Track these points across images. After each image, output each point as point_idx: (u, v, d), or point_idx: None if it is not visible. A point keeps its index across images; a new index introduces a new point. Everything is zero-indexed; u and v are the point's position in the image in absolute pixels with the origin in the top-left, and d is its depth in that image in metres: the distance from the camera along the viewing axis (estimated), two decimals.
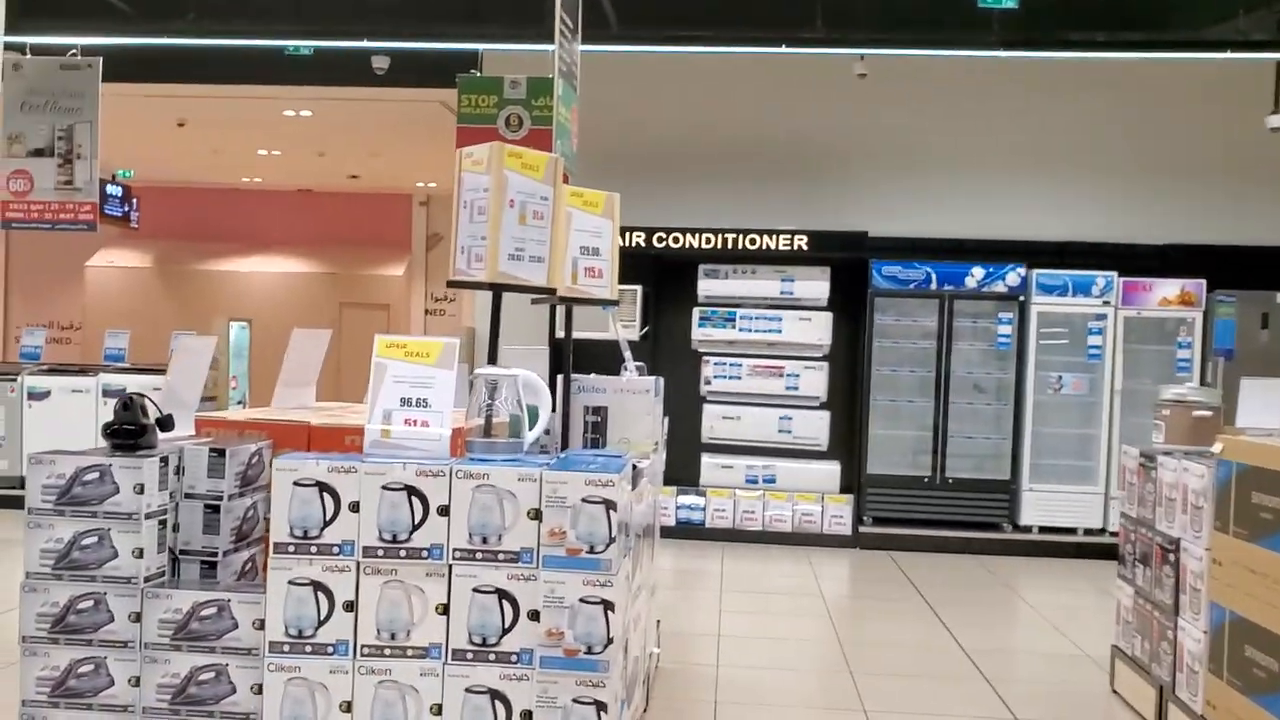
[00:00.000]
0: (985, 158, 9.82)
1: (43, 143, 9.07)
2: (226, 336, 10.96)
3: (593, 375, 4.55)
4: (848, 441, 9.34)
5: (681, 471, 9.10)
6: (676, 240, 9.29)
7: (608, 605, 3.01)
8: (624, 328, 6.82)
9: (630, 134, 9.77)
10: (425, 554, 3.05)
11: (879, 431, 9.18)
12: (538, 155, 3.86)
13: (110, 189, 14.65)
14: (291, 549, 3.06)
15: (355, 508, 3.05)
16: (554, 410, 4.05)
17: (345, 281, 17.87)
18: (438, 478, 3.06)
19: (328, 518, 3.05)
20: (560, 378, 4.46)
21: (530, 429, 3.41)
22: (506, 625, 3.03)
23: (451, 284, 3.90)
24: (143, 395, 3.40)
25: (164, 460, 3.25)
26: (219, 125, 13.34)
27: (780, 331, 9.24)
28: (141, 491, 3.14)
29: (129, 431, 3.32)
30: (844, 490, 9.16)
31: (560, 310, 4.70)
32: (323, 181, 17.69)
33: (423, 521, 3.05)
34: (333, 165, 15.97)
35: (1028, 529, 9.05)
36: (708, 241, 9.26)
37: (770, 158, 9.87)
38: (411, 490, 3.05)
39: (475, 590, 3.04)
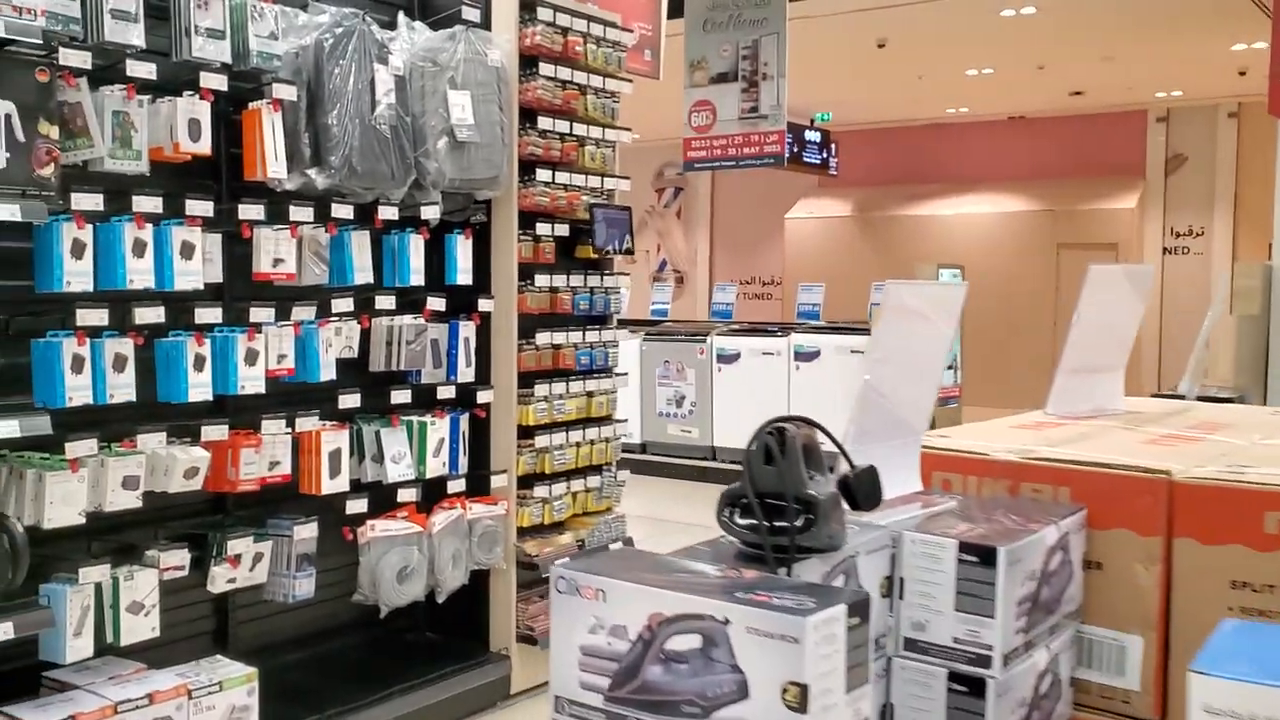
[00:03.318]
0: None
1: (725, 66, 7.85)
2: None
3: None
4: None
5: None
6: None
7: None
8: None
9: None
10: None
11: None
12: None
13: (808, 134, 13.52)
14: None
15: None
16: None
17: (1064, 219, 15.20)
18: None
19: None
20: None
21: None
22: None
23: None
24: (806, 423, 1.45)
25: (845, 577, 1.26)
26: (924, 42, 11.47)
27: None
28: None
29: (777, 530, 1.38)
30: None
31: None
32: (1038, 105, 15.16)
33: None
34: (1053, 80, 13.41)
35: None
36: None
37: None
38: None
39: None
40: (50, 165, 3.20)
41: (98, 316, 3.35)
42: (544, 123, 4.66)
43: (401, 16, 4.31)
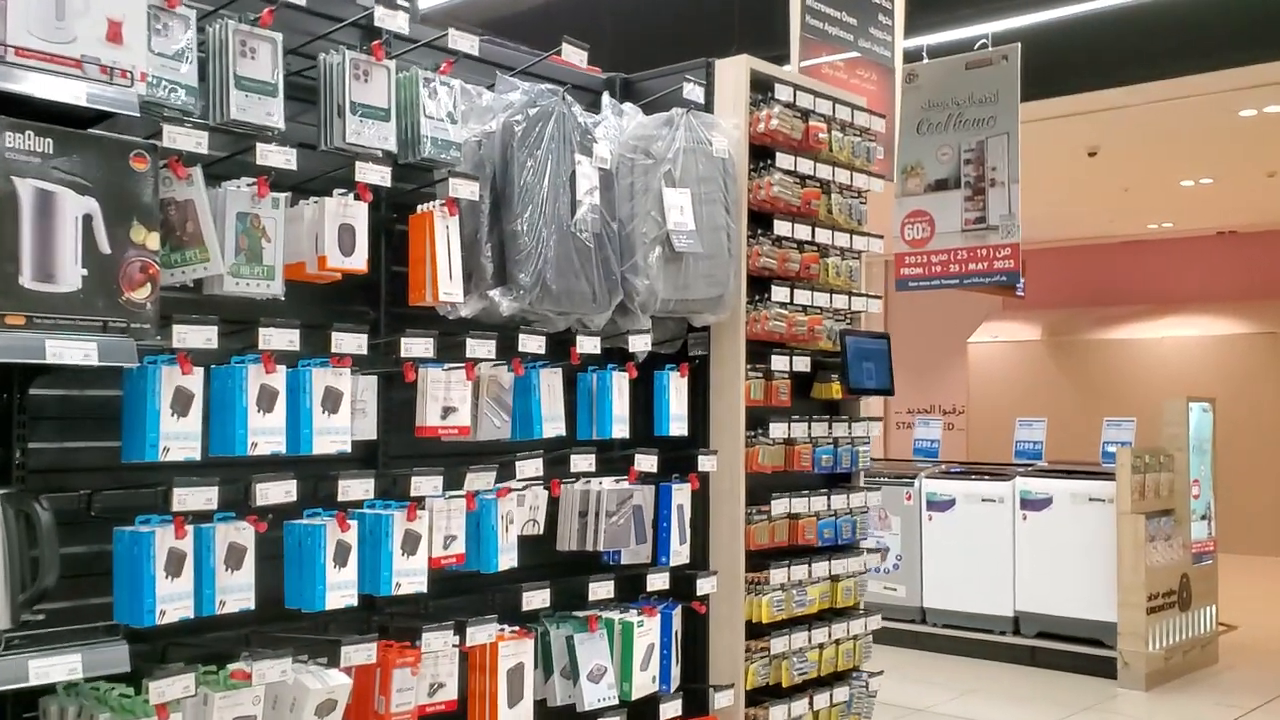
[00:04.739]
0: None
1: (945, 171, 6.79)
2: (1185, 423, 7.66)
3: None
4: None
5: None
6: None
7: None
8: None
9: None
10: None
11: None
12: None
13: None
14: None
15: None
16: None
17: None
18: None
19: None
20: None
21: None
22: None
23: None
24: None
25: None
26: (1139, 147, 10.24)
27: None
28: None
29: None
30: None
31: None
32: (1253, 217, 13.66)
33: None
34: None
35: None
36: None
37: None
38: None
39: None
40: (146, 286, 2.29)
41: (204, 497, 2.39)
42: (780, 228, 3.63)
43: (606, 98, 3.39)
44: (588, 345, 3.13)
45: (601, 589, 3.16)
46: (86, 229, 2.21)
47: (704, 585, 3.44)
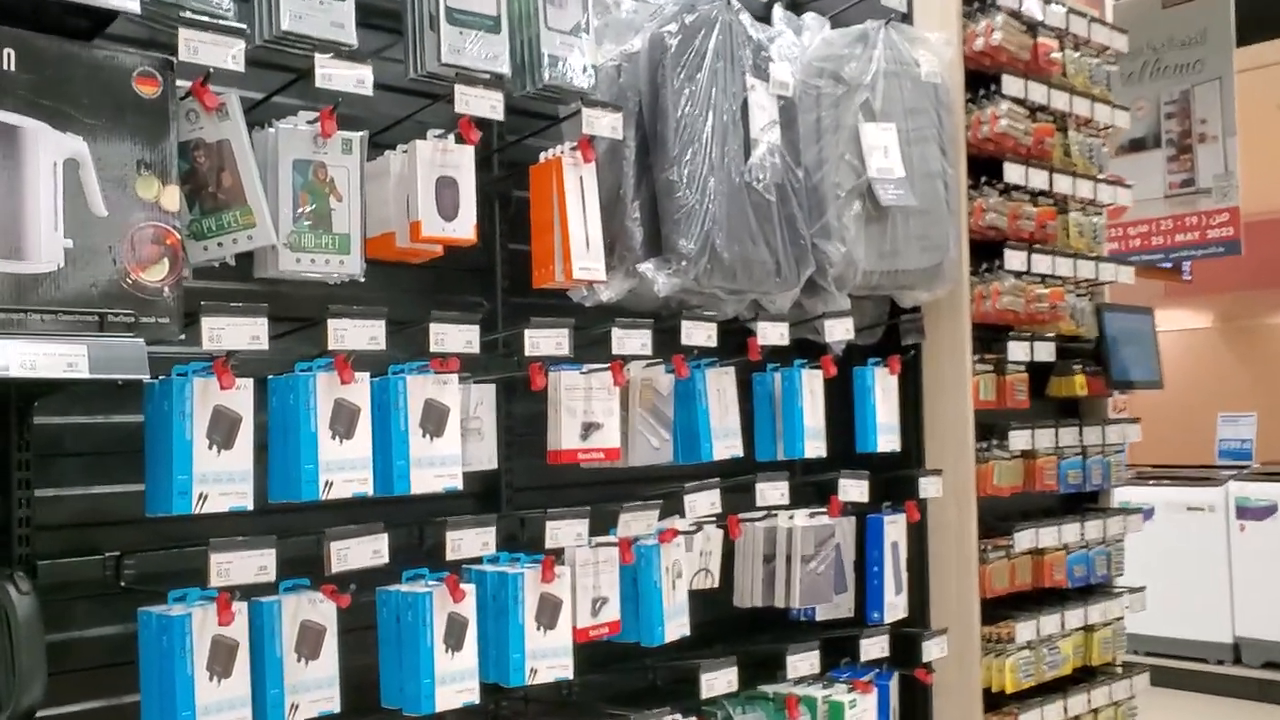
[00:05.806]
0: None
1: (1141, 129, 5.81)
2: None
3: None
4: None
5: None
6: None
7: None
8: None
9: None
10: None
11: None
12: None
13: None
14: None
15: None
16: None
17: None
18: None
19: None
20: None
21: None
22: None
23: None
24: None
25: None
26: None
27: None
28: None
29: None
30: None
31: None
32: None
33: None
34: None
35: None
36: None
37: None
38: None
39: None
40: (162, 263, 1.58)
41: (257, 564, 1.67)
42: (1012, 173, 2.77)
43: (779, 9, 2.58)
44: (772, 335, 2.33)
45: (803, 663, 2.34)
46: (71, 180, 1.52)
47: (932, 648, 2.59)
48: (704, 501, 2.21)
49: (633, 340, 2.12)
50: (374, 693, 1.93)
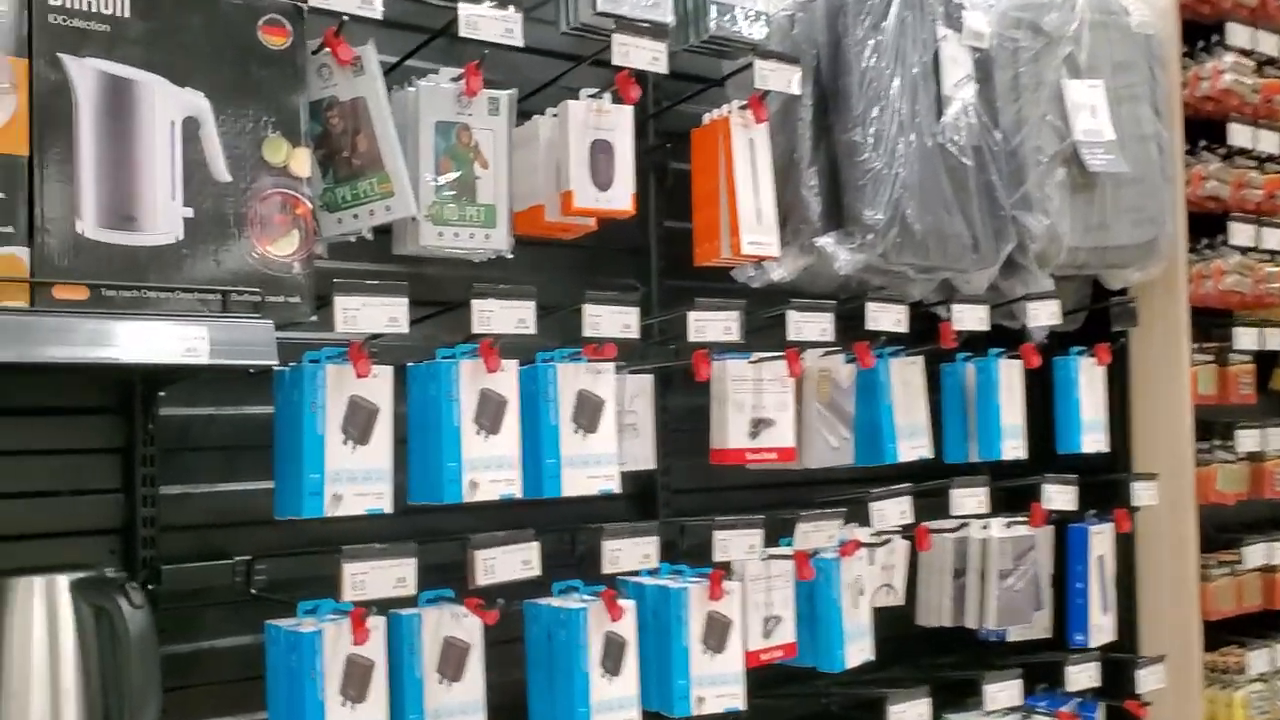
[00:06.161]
0: None
1: None
2: None
3: None
4: None
5: None
6: None
7: None
8: None
9: None
10: None
11: None
12: None
13: None
14: None
15: None
16: None
17: None
18: None
19: None
20: None
21: None
22: None
23: None
24: None
25: None
26: None
27: None
28: None
29: None
30: None
31: None
32: None
33: None
34: None
35: None
36: None
37: None
38: None
39: None
40: (293, 235, 1.40)
41: (395, 576, 1.47)
42: (1238, 135, 2.42)
43: None
44: (970, 319, 2.05)
45: (1003, 693, 2.05)
46: (190, 141, 1.35)
47: (1146, 678, 2.27)
48: (894, 510, 1.94)
49: (812, 326, 1.87)
50: (519, 715, 1.73)
